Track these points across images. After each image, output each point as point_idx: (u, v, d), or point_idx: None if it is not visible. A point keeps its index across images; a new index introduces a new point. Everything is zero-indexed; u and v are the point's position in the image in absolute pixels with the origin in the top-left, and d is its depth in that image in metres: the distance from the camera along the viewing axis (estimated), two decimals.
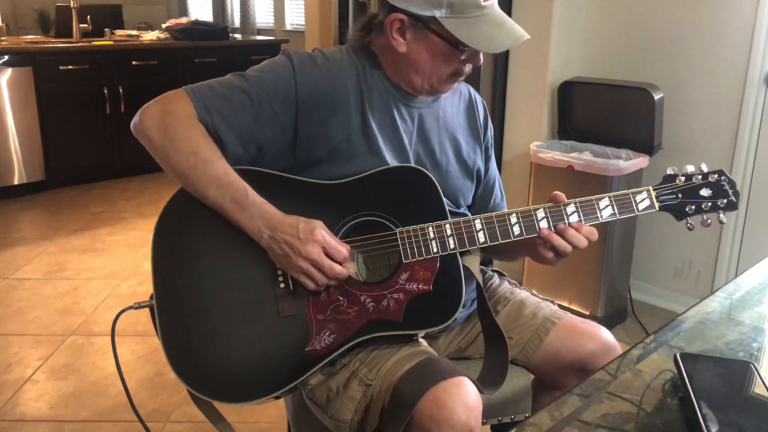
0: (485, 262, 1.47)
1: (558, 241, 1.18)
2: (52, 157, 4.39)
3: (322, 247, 1.12)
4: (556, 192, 1.21)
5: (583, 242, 1.18)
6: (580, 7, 2.86)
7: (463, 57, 1.20)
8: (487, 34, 1.15)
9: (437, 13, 1.15)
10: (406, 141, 1.28)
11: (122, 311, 1.20)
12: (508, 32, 1.17)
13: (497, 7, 1.19)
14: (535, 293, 1.47)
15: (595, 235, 1.19)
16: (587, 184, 2.53)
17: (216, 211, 1.17)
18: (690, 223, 1.19)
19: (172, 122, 1.16)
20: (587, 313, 2.69)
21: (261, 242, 1.16)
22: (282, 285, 1.17)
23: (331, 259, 1.13)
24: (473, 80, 2.87)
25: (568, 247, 1.18)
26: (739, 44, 2.49)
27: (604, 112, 2.76)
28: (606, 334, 1.32)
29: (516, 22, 1.19)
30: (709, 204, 1.18)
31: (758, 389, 0.90)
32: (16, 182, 4.26)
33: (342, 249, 1.14)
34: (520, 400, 1.38)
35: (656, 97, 2.53)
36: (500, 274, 1.53)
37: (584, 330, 1.32)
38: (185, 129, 1.16)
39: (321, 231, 1.13)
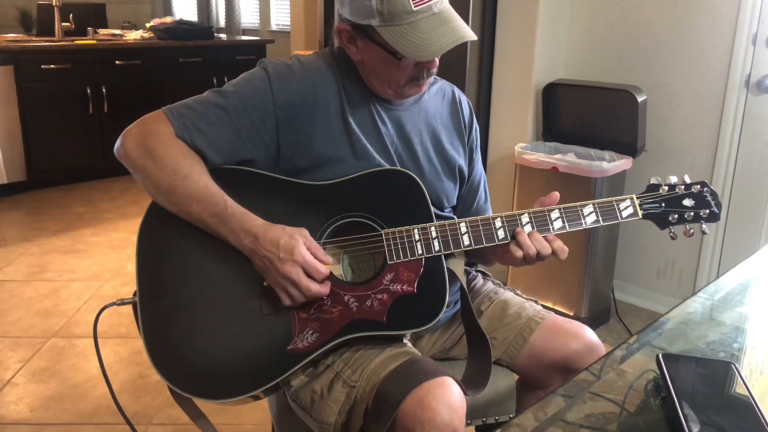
0: (469, 263, 1.48)
1: (526, 244, 1.17)
2: (34, 157, 4.33)
3: (301, 267, 1.11)
4: (543, 198, 1.21)
5: (547, 250, 1.18)
6: (565, 9, 2.88)
7: (404, 63, 1.17)
8: (419, 41, 1.12)
9: (373, 22, 1.14)
10: (388, 143, 1.27)
11: (105, 307, 1.20)
12: (447, 34, 1.13)
13: (439, 7, 1.14)
14: (519, 293, 1.47)
15: (565, 252, 1.20)
16: (571, 185, 2.54)
17: (201, 227, 1.16)
18: (673, 233, 1.21)
19: (151, 142, 1.16)
20: (571, 313, 2.70)
21: (244, 252, 1.15)
22: (265, 283, 1.16)
23: (311, 277, 1.12)
24: (459, 82, 2.87)
25: (533, 249, 1.17)
26: (721, 47, 2.52)
27: (588, 114, 2.78)
28: (590, 334, 1.33)
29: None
30: (692, 214, 1.19)
31: (739, 389, 0.90)
32: None
33: (321, 268, 1.12)
34: (505, 400, 1.38)
35: (639, 99, 2.56)
36: (484, 275, 1.53)
37: (568, 330, 1.33)
38: (164, 147, 1.15)
39: (301, 250, 1.11)
